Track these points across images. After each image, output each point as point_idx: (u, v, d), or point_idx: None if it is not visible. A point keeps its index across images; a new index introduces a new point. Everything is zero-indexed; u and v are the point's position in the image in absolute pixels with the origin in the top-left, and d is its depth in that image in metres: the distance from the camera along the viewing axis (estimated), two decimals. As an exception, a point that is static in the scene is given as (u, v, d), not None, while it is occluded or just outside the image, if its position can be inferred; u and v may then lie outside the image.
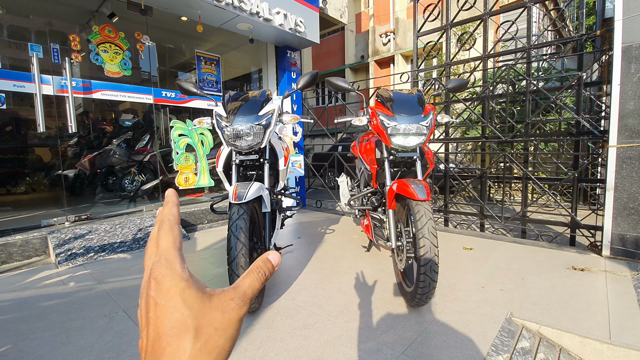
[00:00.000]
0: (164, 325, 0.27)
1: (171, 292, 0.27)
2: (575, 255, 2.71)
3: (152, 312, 0.27)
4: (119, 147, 4.29)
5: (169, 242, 0.31)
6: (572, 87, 3.18)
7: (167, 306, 0.27)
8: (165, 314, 0.27)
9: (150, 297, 0.28)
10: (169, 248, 0.30)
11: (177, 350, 0.26)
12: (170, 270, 0.28)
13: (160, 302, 0.27)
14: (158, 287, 0.28)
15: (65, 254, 2.67)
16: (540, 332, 1.71)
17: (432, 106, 2.03)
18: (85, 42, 3.39)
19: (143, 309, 0.28)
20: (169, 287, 0.28)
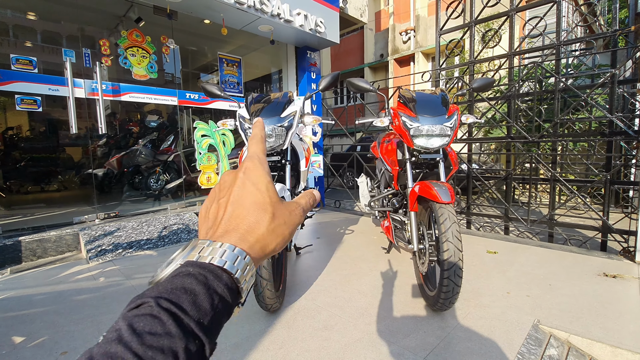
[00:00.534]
0: (247, 200, 0.32)
1: (260, 180, 0.34)
2: (606, 260, 2.59)
3: (238, 189, 0.33)
4: (144, 147, 4.44)
5: (260, 147, 0.38)
6: (604, 85, 3.04)
7: (254, 189, 0.33)
8: (251, 192, 0.33)
9: (238, 177, 0.34)
10: (261, 153, 0.37)
11: (257, 221, 0.31)
12: (261, 165, 0.35)
13: (247, 183, 0.33)
14: (250, 173, 0.34)
15: (96, 250, 2.79)
16: (570, 341, 1.65)
17: (456, 106, 1.99)
18: (114, 46, 3.53)
19: (226, 184, 0.35)
20: (259, 176, 0.34)
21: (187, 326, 0.25)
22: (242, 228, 0.31)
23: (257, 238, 0.31)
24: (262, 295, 1.64)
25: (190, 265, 0.28)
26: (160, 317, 0.24)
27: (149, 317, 0.24)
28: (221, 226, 0.31)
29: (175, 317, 0.24)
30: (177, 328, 0.24)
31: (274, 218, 0.32)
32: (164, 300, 0.25)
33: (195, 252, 0.29)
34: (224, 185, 0.35)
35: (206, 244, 0.30)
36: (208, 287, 0.27)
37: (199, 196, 4.58)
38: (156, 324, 0.24)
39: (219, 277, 0.28)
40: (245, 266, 0.30)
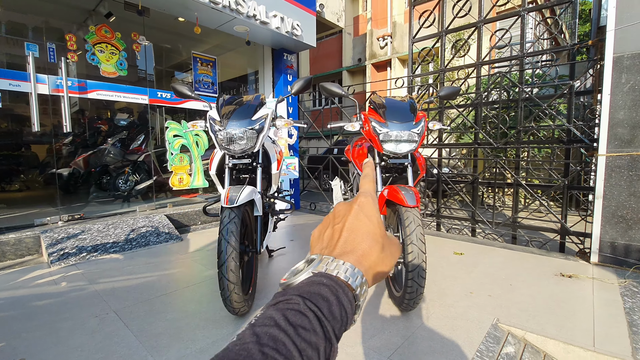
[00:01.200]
0: (362, 229, 0.35)
1: (373, 214, 0.37)
2: (564, 261, 2.75)
3: (353, 219, 0.36)
4: (113, 146, 4.29)
5: (372, 186, 0.42)
6: (564, 95, 3.23)
7: (367, 220, 0.36)
8: (365, 223, 0.36)
9: (353, 209, 0.37)
10: (374, 192, 0.41)
11: (370, 248, 0.34)
12: (374, 202, 0.39)
13: (362, 215, 0.36)
14: (364, 206, 0.37)
15: (58, 254, 2.67)
16: (526, 338, 1.74)
17: (424, 113, 2.06)
18: (82, 41, 3.39)
19: (341, 213, 0.38)
20: (372, 210, 0.37)
21: (326, 329, 0.28)
22: (358, 252, 0.33)
23: (370, 264, 0.34)
24: (229, 299, 1.62)
25: (322, 276, 0.31)
26: (308, 316, 0.27)
27: (298, 313, 0.27)
28: (338, 247, 0.34)
29: (318, 318, 0.28)
30: (321, 328, 0.27)
31: (383, 249, 0.35)
32: (309, 302, 0.28)
33: (323, 264, 0.32)
34: (338, 214, 0.38)
35: (330, 259, 0.32)
36: (338, 299, 0.30)
37: (170, 197, 4.47)
38: (305, 321, 0.27)
39: (345, 292, 0.31)
40: (362, 285, 0.32)
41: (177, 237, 3.29)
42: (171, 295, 2.09)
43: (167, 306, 1.94)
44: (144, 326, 1.72)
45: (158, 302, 1.99)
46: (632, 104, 2.47)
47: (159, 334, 1.66)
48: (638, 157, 2.47)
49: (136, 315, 1.84)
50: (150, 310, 1.89)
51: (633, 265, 2.48)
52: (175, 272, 2.51)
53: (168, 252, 2.96)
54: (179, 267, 2.61)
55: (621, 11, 2.51)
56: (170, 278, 2.38)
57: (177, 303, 1.99)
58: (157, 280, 2.32)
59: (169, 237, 3.24)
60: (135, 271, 2.49)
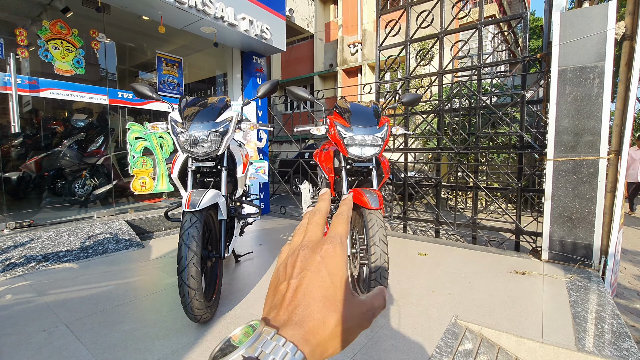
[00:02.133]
0: (319, 292, 0.29)
1: (337, 271, 0.30)
2: (518, 259, 2.92)
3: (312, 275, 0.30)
4: (69, 148, 4.04)
5: (344, 229, 0.34)
6: (516, 104, 3.45)
7: (328, 280, 0.30)
8: (324, 283, 0.30)
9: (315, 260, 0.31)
10: (345, 237, 0.33)
11: (323, 321, 0.28)
12: (342, 253, 0.32)
13: (323, 271, 0.30)
14: (329, 259, 0.31)
15: (3, 264, 2.46)
16: (482, 333, 1.83)
17: (387, 118, 2.12)
18: (34, 37, 3.19)
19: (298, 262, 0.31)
20: (337, 266, 0.31)
21: None
22: (306, 325, 0.28)
23: (319, 341, 0.28)
24: (190, 306, 1.58)
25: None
26: None
27: None
28: (286, 311, 0.29)
29: None
30: None
31: (341, 321, 0.29)
32: None
33: (258, 344, 0.27)
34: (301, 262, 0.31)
35: (270, 335, 0.27)
36: None
37: (132, 202, 4.27)
38: None
39: None
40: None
41: (138, 243, 3.15)
42: (129, 305, 1.99)
43: (124, 316, 1.85)
44: (97, 338, 1.63)
45: (114, 313, 1.89)
46: (575, 112, 2.69)
47: (113, 345, 1.58)
48: (581, 162, 2.69)
49: (89, 327, 1.73)
50: (105, 322, 1.79)
51: (578, 261, 2.68)
52: (134, 280, 2.39)
53: (128, 259, 2.82)
54: (139, 275, 2.50)
55: (564, 28, 2.73)
56: (128, 287, 2.27)
57: (135, 313, 1.90)
58: (114, 290, 2.20)
59: (129, 244, 3.09)
60: (91, 281, 2.35)
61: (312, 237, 0.34)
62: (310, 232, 0.34)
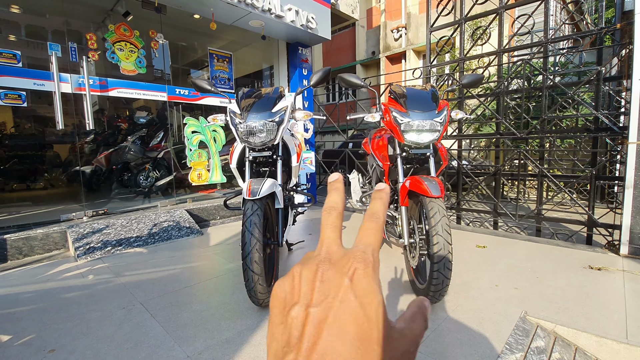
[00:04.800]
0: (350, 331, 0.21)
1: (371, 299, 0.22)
2: (592, 254, 2.66)
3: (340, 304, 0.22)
4: (133, 143, 4.37)
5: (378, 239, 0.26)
6: (590, 82, 3.10)
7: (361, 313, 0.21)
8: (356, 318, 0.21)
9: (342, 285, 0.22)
10: (377, 248, 0.25)
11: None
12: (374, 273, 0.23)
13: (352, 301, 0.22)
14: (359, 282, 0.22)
15: (84, 248, 2.75)
16: (556, 332, 1.69)
17: (446, 102, 2.01)
18: (102, 40, 3.46)
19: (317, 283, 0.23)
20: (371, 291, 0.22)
21: None
22: None
23: None
24: (253, 290, 1.63)
25: None
26: None
27: None
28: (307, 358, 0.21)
29: None
30: None
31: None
32: None
33: None
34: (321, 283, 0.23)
35: None
36: None
37: (189, 193, 4.53)
38: None
39: None
40: None
41: (197, 231, 3.34)
42: (195, 287, 2.12)
43: (191, 298, 1.97)
44: (169, 317, 1.76)
45: (182, 294, 2.02)
46: (667, 88, 2.35)
47: (184, 324, 1.69)
48: (673, 145, 2.35)
49: (162, 306, 1.87)
50: (176, 302, 1.92)
51: (668, 257, 2.37)
52: (197, 265, 2.55)
53: (190, 246, 3.01)
54: (201, 260, 2.65)
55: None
56: (192, 271, 2.42)
57: (201, 295, 2.02)
58: (180, 273, 2.36)
59: (190, 232, 3.30)
60: (159, 264, 2.54)
61: (333, 246, 0.25)
62: (328, 240, 0.26)
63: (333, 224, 0.27)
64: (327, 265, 0.24)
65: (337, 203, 0.28)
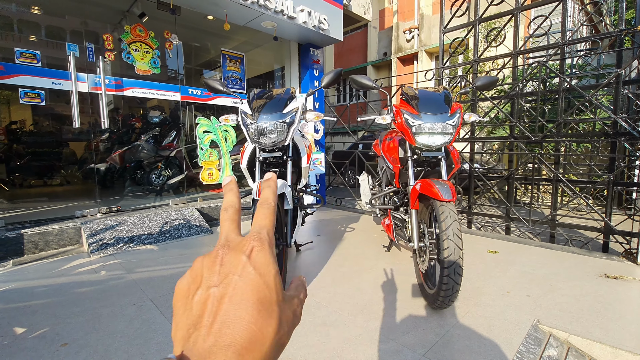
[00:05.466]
0: (250, 297, 0.23)
1: (268, 269, 0.25)
2: (608, 262, 2.58)
3: (239, 278, 0.24)
4: (147, 142, 4.45)
5: (270, 221, 0.29)
6: (609, 85, 3.01)
7: (260, 281, 0.24)
8: (255, 285, 0.24)
9: (240, 260, 0.25)
10: (271, 230, 0.28)
11: (261, 331, 0.23)
12: (270, 249, 0.26)
13: (251, 272, 0.24)
14: (256, 257, 0.25)
15: (97, 244, 2.81)
16: (569, 341, 1.64)
17: (459, 104, 1.98)
18: (118, 41, 3.53)
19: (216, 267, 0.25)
20: (267, 263, 0.25)
21: None
22: (239, 342, 0.22)
23: (262, 355, 0.22)
24: (261, 291, 1.64)
25: None
26: None
27: None
28: (211, 334, 0.22)
29: None
30: None
31: (280, 325, 0.24)
32: None
33: None
34: (221, 265, 0.25)
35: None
36: None
37: (200, 192, 4.58)
38: None
39: None
40: None
41: (207, 230, 3.38)
42: (204, 286, 2.14)
43: (200, 296, 1.99)
44: (179, 315, 1.77)
45: (192, 292, 2.04)
46: (690, 92, 2.27)
47: (193, 322, 1.70)
48: (697, 151, 2.27)
49: (171, 304, 1.89)
50: (185, 300, 1.94)
51: (689, 267, 2.29)
52: (206, 263, 2.57)
53: (200, 244, 3.04)
54: (210, 259, 2.67)
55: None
56: (202, 269, 2.44)
57: (209, 293, 2.03)
58: (189, 271, 2.38)
59: (200, 230, 3.33)
60: (169, 262, 2.58)
61: (231, 235, 0.28)
62: (226, 230, 0.28)
63: (231, 218, 0.29)
64: (226, 250, 0.26)
65: (234, 202, 0.30)
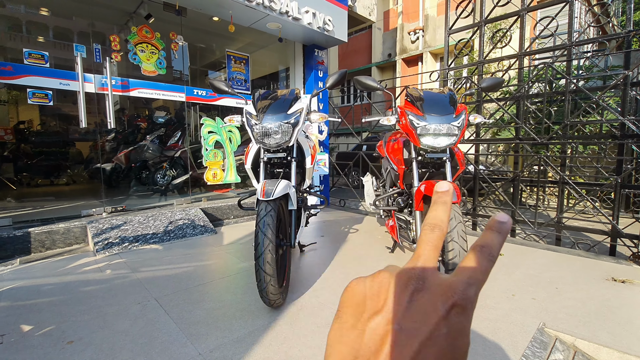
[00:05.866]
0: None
1: (462, 345, 0.21)
2: (615, 265, 2.55)
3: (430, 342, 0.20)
4: (152, 142, 4.48)
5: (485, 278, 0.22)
6: (617, 87, 2.98)
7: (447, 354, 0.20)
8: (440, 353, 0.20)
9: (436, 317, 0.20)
10: (481, 286, 0.22)
11: None
12: (471, 313, 0.21)
13: (442, 342, 0.20)
14: (453, 320, 0.20)
15: (103, 243, 2.83)
16: (576, 345, 1.63)
17: (464, 106, 1.98)
18: (124, 42, 3.56)
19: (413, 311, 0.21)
20: (463, 334, 0.21)
21: None
22: None
23: None
24: (265, 291, 1.64)
25: None
26: None
27: None
28: None
29: None
30: None
31: None
32: None
33: None
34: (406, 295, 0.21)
35: None
36: None
37: (204, 192, 4.60)
38: None
39: None
40: None
41: (211, 230, 3.39)
42: (208, 286, 2.15)
43: (204, 296, 2.00)
44: (183, 314, 1.78)
45: (196, 292, 2.05)
46: (700, 94, 2.24)
47: (197, 322, 1.71)
48: None
49: (175, 303, 1.90)
50: (189, 299, 1.95)
51: (698, 271, 2.26)
52: (211, 263, 2.58)
53: (204, 244, 3.05)
54: (215, 258, 2.69)
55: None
56: (206, 269, 2.45)
57: (213, 293, 2.04)
58: (194, 271, 2.40)
59: (204, 230, 3.34)
60: (174, 261, 2.59)
61: (429, 268, 0.22)
62: (425, 258, 0.23)
63: (434, 243, 0.24)
64: (421, 285, 0.22)
65: (443, 221, 0.25)
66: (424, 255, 0.23)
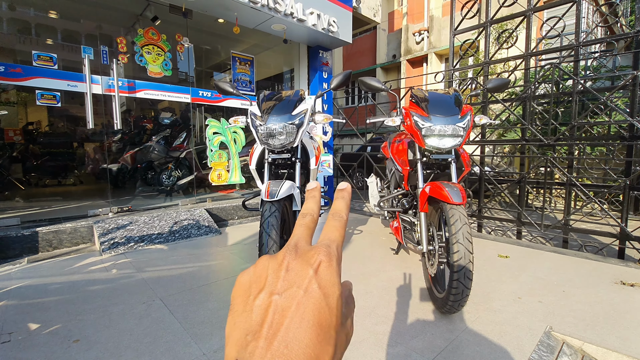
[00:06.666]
0: (312, 319, 0.22)
1: (332, 289, 0.23)
2: (624, 268, 2.51)
3: (304, 294, 0.23)
4: (157, 143, 4.51)
5: (341, 235, 0.27)
6: (625, 87, 2.95)
7: (323, 302, 0.23)
8: (318, 307, 0.22)
9: (307, 275, 0.23)
10: (340, 243, 0.27)
11: (317, 358, 0.21)
12: (337, 266, 0.25)
13: (316, 291, 0.23)
14: (323, 274, 0.24)
15: (109, 243, 2.85)
16: (583, 349, 1.60)
17: (469, 107, 1.96)
18: (131, 44, 3.60)
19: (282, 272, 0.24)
20: (332, 282, 0.24)
21: None
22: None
23: None
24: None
25: None
26: None
27: None
28: (269, 350, 0.21)
29: None
30: None
31: (335, 352, 0.23)
32: None
33: None
34: (287, 272, 0.24)
35: None
36: None
37: (209, 193, 4.63)
38: None
39: None
40: None
41: (216, 230, 3.40)
42: (212, 286, 2.15)
43: (208, 296, 2.01)
44: (187, 314, 1.79)
45: (200, 292, 2.06)
46: None
47: (201, 322, 1.71)
48: None
49: (180, 303, 1.91)
50: (193, 299, 1.96)
51: None
52: (215, 263, 2.59)
53: (208, 244, 3.06)
54: (219, 259, 2.70)
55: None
56: (210, 269, 2.46)
57: (218, 293, 2.05)
58: (198, 271, 2.41)
59: (209, 231, 3.36)
60: (179, 261, 2.60)
61: (301, 241, 0.26)
62: (297, 236, 0.27)
63: (306, 224, 0.28)
64: (294, 255, 0.25)
65: (314, 210, 0.30)
66: (297, 234, 0.27)
